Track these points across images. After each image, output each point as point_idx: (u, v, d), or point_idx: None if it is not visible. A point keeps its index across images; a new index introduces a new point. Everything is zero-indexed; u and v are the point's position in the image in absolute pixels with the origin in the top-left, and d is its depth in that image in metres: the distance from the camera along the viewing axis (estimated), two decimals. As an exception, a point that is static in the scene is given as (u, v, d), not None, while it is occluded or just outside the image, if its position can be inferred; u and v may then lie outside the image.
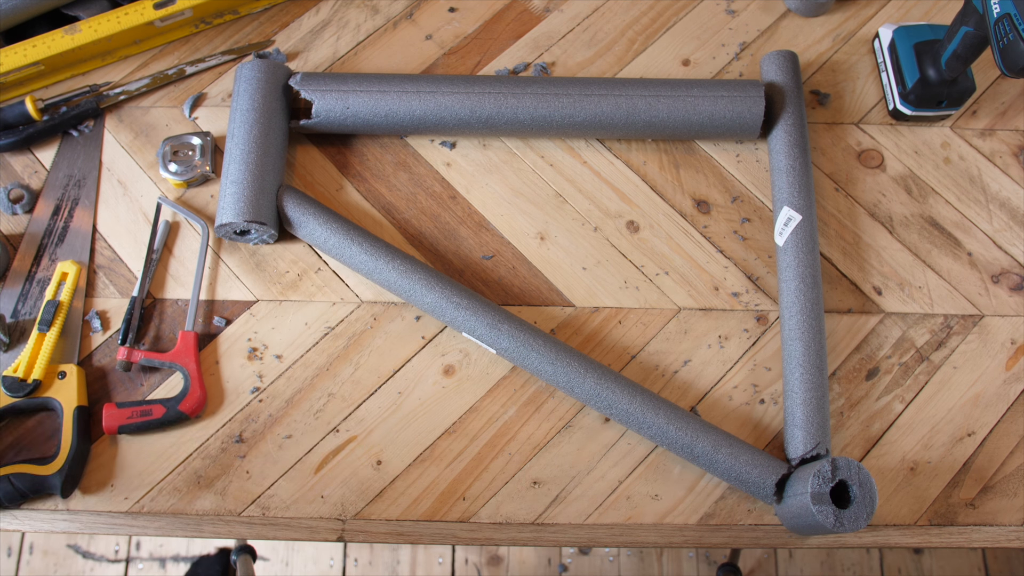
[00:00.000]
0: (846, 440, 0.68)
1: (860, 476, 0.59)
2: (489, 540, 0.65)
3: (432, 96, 0.74)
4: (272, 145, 0.72)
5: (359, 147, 0.78)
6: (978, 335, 0.72)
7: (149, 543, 1.40)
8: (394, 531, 0.65)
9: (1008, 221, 0.76)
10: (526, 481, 0.67)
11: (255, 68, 0.74)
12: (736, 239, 0.75)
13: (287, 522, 0.65)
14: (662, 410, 0.65)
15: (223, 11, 0.82)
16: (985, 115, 0.80)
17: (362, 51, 0.82)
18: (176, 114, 0.79)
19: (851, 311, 0.72)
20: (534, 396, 0.69)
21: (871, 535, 0.66)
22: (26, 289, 0.72)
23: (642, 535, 0.65)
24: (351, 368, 0.70)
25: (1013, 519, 0.66)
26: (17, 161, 0.77)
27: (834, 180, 0.77)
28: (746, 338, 0.71)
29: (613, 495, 0.66)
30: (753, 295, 0.73)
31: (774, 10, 0.84)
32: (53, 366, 0.67)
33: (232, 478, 0.66)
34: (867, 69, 0.82)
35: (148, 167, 0.77)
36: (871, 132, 0.79)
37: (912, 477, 0.67)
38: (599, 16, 0.84)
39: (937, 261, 0.75)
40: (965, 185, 0.77)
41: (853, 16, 0.84)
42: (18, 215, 0.75)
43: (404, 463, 0.67)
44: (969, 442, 0.68)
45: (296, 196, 0.72)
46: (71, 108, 0.77)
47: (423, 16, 0.84)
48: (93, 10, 0.80)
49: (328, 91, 0.74)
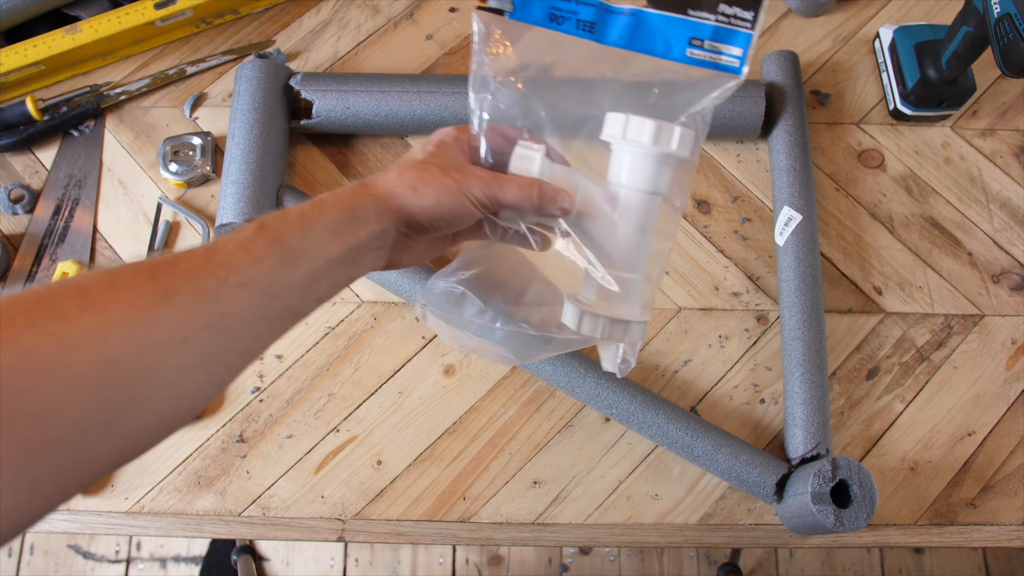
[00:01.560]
0: (846, 440, 0.68)
1: (860, 476, 0.59)
2: (489, 540, 0.65)
3: (433, 96, 0.74)
4: (273, 145, 0.72)
5: (360, 147, 0.78)
6: (978, 335, 0.72)
7: (150, 543, 1.40)
8: (394, 531, 0.65)
9: (1008, 221, 0.76)
10: (526, 481, 0.67)
11: (256, 68, 0.74)
12: (736, 239, 0.75)
13: (287, 522, 0.65)
14: (662, 410, 0.65)
15: (224, 11, 0.82)
16: (986, 115, 0.80)
17: (363, 51, 0.82)
18: (177, 114, 0.79)
19: (851, 311, 0.72)
20: (534, 396, 0.69)
21: (871, 535, 0.66)
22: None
23: (642, 535, 0.65)
24: (351, 368, 0.70)
25: (1013, 518, 0.66)
26: (18, 161, 0.77)
27: (835, 180, 0.77)
28: (746, 338, 0.71)
29: (613, 495, 0.66)
30: (753, 295, 0.73)
31: (775, 10, 0.84)
32: (54, 366, 0.67)
33: (232, 478, 0.66)
34: (868, 69, 0.82)
35: (149, 167, 0.77)
36: (872, 132, 0.79)
37: (912, 477, 0.67)
38: (599, 16, 0.84)
39: (938, 261, 0.75)
40: (966, 185, 0.77)
41: (854, 16, 0.84)
42: (19, 215, 0.75)
43: (404, 463, 0.67)
44: (969, 442, 0.68)
45: (297, 196, 0.72)
46: (72, 108, 0.77)
47: (424, 16, 0.84)
48: (94, 10, 0.80)
49: (329, 91, 0.74)
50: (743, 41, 0.47)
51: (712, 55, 0.47)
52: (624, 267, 0.48)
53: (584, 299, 0.49)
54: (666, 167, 0.48)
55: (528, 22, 0.47)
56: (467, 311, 0.50)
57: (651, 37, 0.48)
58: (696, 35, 0.47)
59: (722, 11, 0.46)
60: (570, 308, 0.49)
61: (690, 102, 0.48)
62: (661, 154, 0.47)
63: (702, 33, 0.47)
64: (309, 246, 0.38)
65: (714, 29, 0.47)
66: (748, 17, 0.46)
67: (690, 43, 0.47)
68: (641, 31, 0.47)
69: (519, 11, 0.47)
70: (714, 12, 0.46)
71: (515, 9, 0.47)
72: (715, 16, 0.47)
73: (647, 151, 0.47)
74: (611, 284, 0.48)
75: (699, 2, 0.47)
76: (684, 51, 0.47)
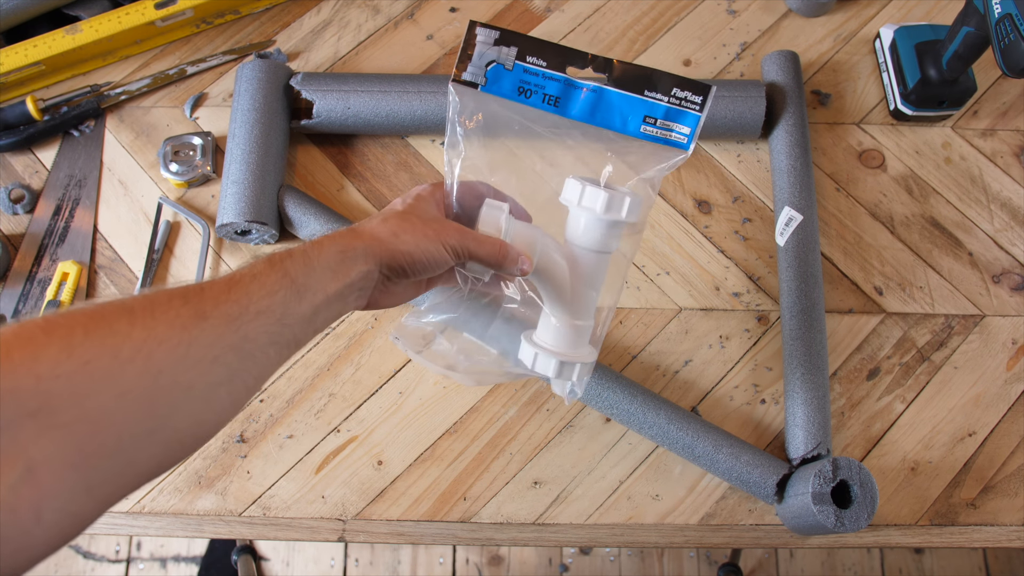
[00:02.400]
0: (847, 440, 0.68)
1: (861, 476, 0.59)
2: (490, 540, 0.65)
3: (433, 96, 0.74)
4: (273, 145, 0.72)
5: (360, 147, 0.78)
6: (979, 335, 0.72)
7: (150, 543, 1.40)
8: (395, 531, 0.65)
9: (1009, 221, 0.76)
10: (527, 481, 0.67)
11: (256, 68, 0.74)
12: (737, 239, 0.75)
13: (288, 522, 0.65)
14: (663, 410, 0.65)
15: (224, 11, 0.82)
16: (986, 115, 0.80)
17: (363, 51, 0.82)
18: (177, 114, 0.79)
19: (852, 311, 0.72)
20: (535, 396, 0.69)
21: (872, 535, 0.65)
22: (27, 289, 0.72)
23: (643, 535, 0.65)
24: (352, 368, 0.70)
25: (1014, 519, 0.66)
26: (18, 161, 0.77)
27: (835, 180, 0.77)
28: (747, 338, 0.71)
29: (614, 495, 0.66)
30: (754, 295, 0.73)
31: (775, 10, 0.84)
32: (54, 366, 0.67)
33: (233, 478, 0.66)
34: (868, 69, 0.82)
35: (149, 167, 0.77)
36: (872, 132, 0.79)
37: (913, 477, 0.67)
38: (600, 16, 0.84)
39: (938, 261, 0.74)
40: (966, 185, 0.77)
41: (854, 16, 0.84)
42: (19, 215, 0.75)
43: (405, 463, 0.67)
44: (970, 442, 0.68)
45: (297, 196, 0.72)
46: (72, 108, 0.77)
47: (424, 16, 0.84)
48: (94, 10, 0.80)
49: (329, 91, 0.74)
50: (692, 121, 0.51)
51: (663, 131, 0.52)
52: (575, 315, 0.54)
53: (539, 340, 0.55)
54: (616, 230, 0.53)
55: (498, 95, 0.52)
56: (435, 346, 0.57)
57: (610, 113, 0.52)
58: (650, 114, 0.52)
59: (675, 94, 0.51)
60: (527, 348, 0.54)
61: (640, 169, 0.53)
62: (611, 220, 0.51)
63: (656, 112, 0.52)
64: (312, 282, 0.41)
65: (667, 109, 0.51)
66: (697, 101, 0.51)
67: (644, 120, 0.52)
68: (601, 107, 0.52)
69: (491, 85, 0.52)
70: (667, 94, 0.51)
71: (487, 83, 0.52)
72: (668, 98, 0.51)
73: (599, 218, 0.51)
74: (564, 329, 0.54)
75: (655, 84, 0.51)
76: (639, 127, 0.52)
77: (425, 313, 0.57)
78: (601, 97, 0.52)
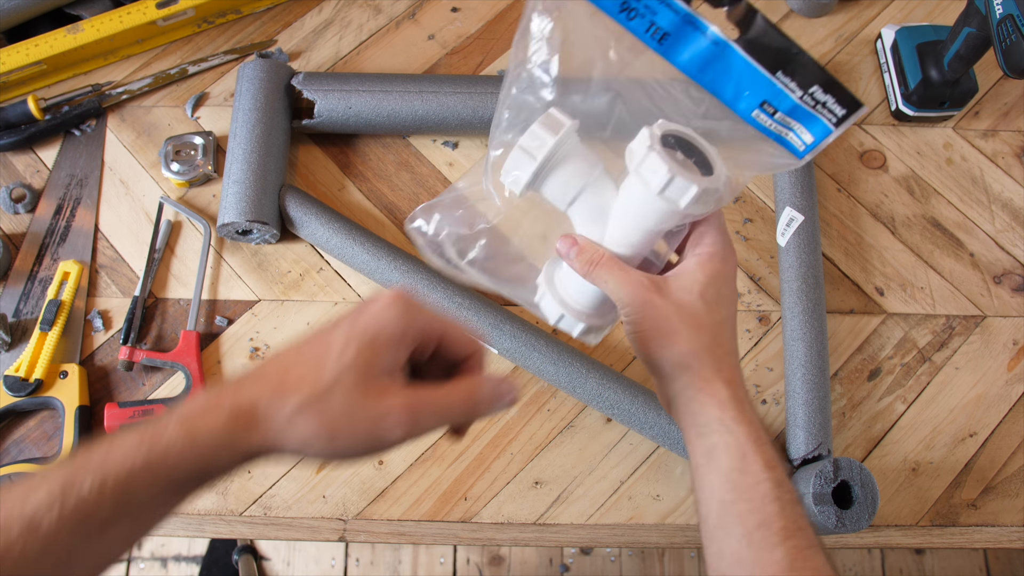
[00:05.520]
0: (848, 440, 0.68)
1: (862, 476, 0.59)
2: (491, 540, 0.65)
3: (434, 96, 0.74)
4: (274, 145, 0.72)
5: (361, 147, 0.78)
6: (980, 336, 0.72)
7: (150, 543, 1.40)
8: (396, 531, 0.65)
9: (1010, 222, 0.76)
10: (528, 481, 0.67)
11: (257, 68, 0.74)
12: (738, 239, 0.75)
13: (289, 522, 0.65)
14: (664, 410, 0.65)
15: (225, 10, 0.82)
16: (987, 116, 0.80)
17: (364, 51, 0.82)
18: (178, 113, 0.79)
19: (853, 312, 0.72)
20: (536, 396, 0.69)
21: (873, 535, 0.65)
22: (28, 288, 0.72)
23: (644, 535, 0.65)
24: (353, 368, 0.70)
25: (1015, 519, 0.66)
26: (19, 160, 0.77)
27: (836, 181, 0.77)
28: (748, 338, 0.71)
29: (615, 495, 0.66)
30: (755, 295, 0.73)
31: (776, 11, 0.84)
32: (55, 366, 0.67)
33: (234, 478, 0.66)
34: (869, 70, 0.82)
35: (150, 166, 0.77)
36: (873, 133, 0.79)
37: (914, 478, 0.67)
38: (601, 16, 0.84)
39: (939, 262, 0.74)
40: (967, 186, 0.77)
41: (856, 17, 0.84)
42: (20, 214, 0.75)
43: (406, 463, 0.67)
44: (971, 443, 0.68)
45: (298, 196, 0.72)
46: (73, 107, 0.77)
47: (425, 16, 0.84)
48: (95, 9, 0.80)
49: (330, 91, 0.74)
50: (821, 132, 0.42)
51: (780, 127, 0.42)
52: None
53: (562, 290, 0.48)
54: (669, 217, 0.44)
55: (594, 2, 0.40)
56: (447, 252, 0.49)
57: (724, 77, 0.41)
58: (772, 102, 0.41)
59: (813, 93, 0.41)
60: (552, 304, 0.48)
61: (733, 160, 0.43)
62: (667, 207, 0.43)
63: (781, 103, 0.41)
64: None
65: (795, 106, 0.41)
66: (838, 113, 0.41)
67: (761, 105, 0.41)
68: (716, 66, 0.41)
69: None
70: (804, 89, 0.41)
71: None
72: (803, 92, 0.41)
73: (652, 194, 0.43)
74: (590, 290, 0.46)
75: (793, 69, 0.40)
76: (752, 109, 0.42)
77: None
78: (722, 55, 0.40)
